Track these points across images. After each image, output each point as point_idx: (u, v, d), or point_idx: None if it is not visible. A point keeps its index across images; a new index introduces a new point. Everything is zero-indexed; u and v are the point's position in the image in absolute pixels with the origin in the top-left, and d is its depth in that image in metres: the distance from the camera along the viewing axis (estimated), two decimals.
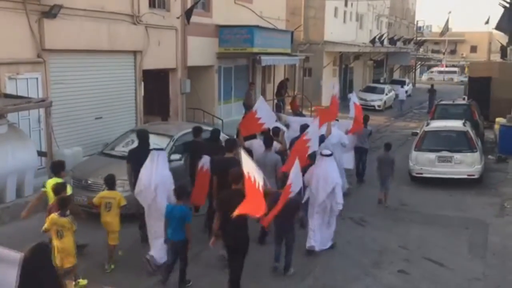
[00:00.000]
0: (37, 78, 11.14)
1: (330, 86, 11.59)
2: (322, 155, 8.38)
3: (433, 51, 65.83)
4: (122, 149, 10.53)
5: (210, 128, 11.04)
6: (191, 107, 17.19)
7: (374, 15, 38.25)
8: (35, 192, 9.86)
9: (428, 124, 14.37)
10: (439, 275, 7.69)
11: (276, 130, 10.15)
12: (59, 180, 7.12)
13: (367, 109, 25.34)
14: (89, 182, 9.42)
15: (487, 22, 51.31)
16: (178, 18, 15.62)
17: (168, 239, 6.86)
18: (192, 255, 7.26)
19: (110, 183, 7.52)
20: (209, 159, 8.33)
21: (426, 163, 12.67)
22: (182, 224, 6.69)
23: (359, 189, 11.58)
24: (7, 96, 10.11)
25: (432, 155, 12.63)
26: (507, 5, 21.49)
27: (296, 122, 12.15)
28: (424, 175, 12.70)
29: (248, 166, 5.79)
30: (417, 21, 55.80)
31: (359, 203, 10.97)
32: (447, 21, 57.08)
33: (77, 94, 12.32)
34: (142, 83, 14.41)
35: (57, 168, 7.40)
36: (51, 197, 7.02)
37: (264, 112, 10.56)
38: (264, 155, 8.48)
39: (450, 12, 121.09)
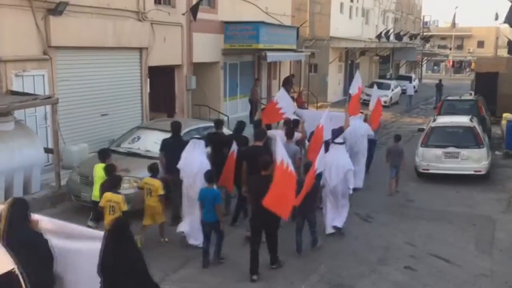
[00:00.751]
0: (43, 75, 11.19)
1: (354, 79, 12.74)
2: (334, 143, 9.04)
3: (439, 47, 65.46)
4: (128, 145, 10.57)
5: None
6: (197, 104, 17.21)
7: (380, 10, 38.08)
8: (42, 189, 9.94)
9: (434, 120, 14.30)
10: (446, 271, 7.66)
11: (296, 121, 10.75)
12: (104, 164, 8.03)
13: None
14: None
15: (496, 18, 50.92)
16: (183, 14, 15.61)
17: (201, 220, 7.55)
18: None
19: (153, 171, 8.11)
20: (237, 148, 8.94)
21: (432, 159, 12.61)
22: (214, 206, 7.29)
23: (365, 185, 11.55)
24: (14, 93, 10.16)
25: (439, 151, 12.57)
26: None
27: (306, 115, 12.59)
28: (431, 171, 12.65)
29: (282, 153, 6.72)
30: (424, 16, 55.56)
31: (365, 199, 10.94)
32: (454, 16, 56.74)
33: (83, 91, 12.36)
34: (148, 79, 14.43)
35: (103, 155, 8.44)
36: (100, 178, 7.93)
37: (285, 102, 11.32)
38: (285, 145, 8.70)
39: (457, 7, 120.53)
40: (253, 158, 7.84)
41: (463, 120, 13.71)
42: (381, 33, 33.50)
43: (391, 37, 35.91)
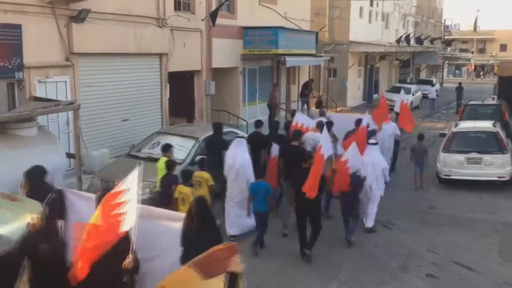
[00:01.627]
0: (65, 81, 11.37)
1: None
2: (369, 143, 9.67)
3: (461, 50, 64.62)
4: (148, 151, 10.64)
5: (233, 130, 11.70)
6: (216, 109, 17.27)
7: (400, 14, 37.79)
8: None
9: (456, 125, 14.09)
10: (468, 279, 7.52)
11: (330, 123, 11.43)
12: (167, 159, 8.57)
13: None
14: (116, 183, 9.52)
15: None
16: (203, 20, 15.72)
17: (254, 211, 8.26)
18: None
19: (201, 164, 8.78)
20: (277, 147, 9.72)
21: (454, 164, 12.42)
22: (265, 197, 8.07)
23: (386, 191, 11.44)
24: (37, 99, 10.32)
25: (461, 157, 12.37)
26: None
27: (338, 118, 13.38)
28: (453, 177, 12.44)
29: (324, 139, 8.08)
30: (445, 20, 54.96)
31: (386, 205, 10.80)
32: (476, 19, 55.99)
33: (104, 96, 12.52)
34: (168, 85, 14.55)
35: (164, 148, 9.01)
36: (161, 170, 8.46)
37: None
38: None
39: (479, 10, 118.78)
40: (291, 155, 8.93)
41: (486, 125, 13.48)
42: (401, 37, 33.22)
43: (412, 41, 35.56)
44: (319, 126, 10.72)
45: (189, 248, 4.68)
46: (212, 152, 9.77)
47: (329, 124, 11.15)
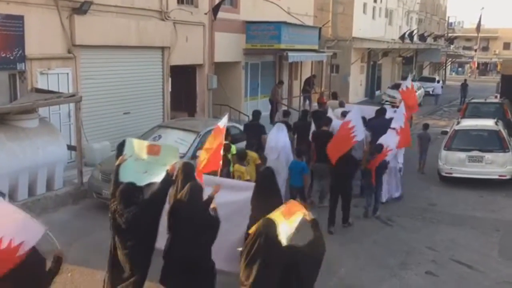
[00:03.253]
0: (67, 73, 11.35)
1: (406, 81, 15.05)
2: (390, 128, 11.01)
3: (464, 48, 64.38)
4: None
5: (235, 125, 11.81)
6: (218, 103, 17.24)
7: (404, 11, 37.62)
8: (64, 186, 10.08)
9: (458, 123, 14.06)
10: (468, 277, 7.51)
11: (345, 113, 12.03)
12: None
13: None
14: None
15: None
16: (205, 14, 15.67)
17: (290, 186, 9.37)
18: None
19: (240, 158, 8.95)
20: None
21: (456, 162, 12.40)
22: (301, 174, 9.24)
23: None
24: (39, 90, 10.32)
25: (463, 155, 12.35)
26: None
27: (358, 109, 13.33)
28: (454, 175, 12.43)
29: (353, 118, 9.38)
30: (448, 17, 54.74)
31: (386, 202, 10.82)
32: (480, 18, 55.70)
33: (106, 89, 12.50)
34: (170, 78, 14.52)
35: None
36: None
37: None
38: None
39: (483, 8, 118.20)
40: (323, 139, 9.90)
41: (488, 123, 13.44)
42: (404, 34, 33.09)
43: (415, 38, 35.42)
44: (344, 116, 11.50)
45: (257, 212, 5.59)
46: (252, 137, 11.14)
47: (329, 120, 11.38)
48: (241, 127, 11.96)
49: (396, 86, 30.78)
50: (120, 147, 6.96)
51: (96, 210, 9.30)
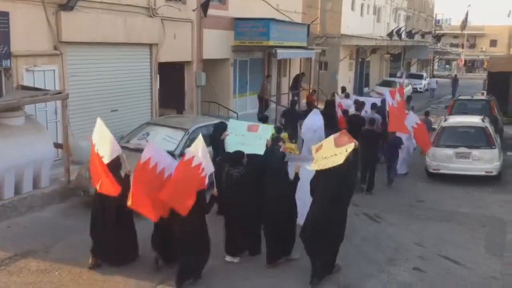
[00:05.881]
0: (54, 70, 11.23)
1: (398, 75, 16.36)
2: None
3: (451, 45, 64.86)
4: (137, 141, 10.55)
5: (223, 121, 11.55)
6: (206, 100, 17.19)
7: (391, 8, 37.80)
8: (51, 184, 9.99)
9: (446, 120, 14.16)
10: (455, 273, 7.58)
11: (357, 101, 14.84)
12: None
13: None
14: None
15: (509, 15, 50.34)
16: (194, 10, 15.59)
17: None
18: None
19: (279, 131, 10.01)
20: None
21: (443, 159, 12.50)
22: None
23: (376, 186, 11.56)
24: (25, 88, 10.20)
25: (450, 151, 12.45)
26: None
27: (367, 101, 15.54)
28: (441, 171, 12.53)
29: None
30: (436, 14, 55.03)
31: (375, 199, 10.88)
32: (467, 14, 56.10)
33: (93, 86, 12.39)
34: (158, 75, 14.44)
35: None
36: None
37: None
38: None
39: (469, 5, 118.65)
40: (368, 138, 11.17)
41: (475, 120, 13.56)
42: (392, 31, 33.25)
43: (403, 35, 35.63)
44: (359, 104, 13.88)
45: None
46: (289, 122, 13.41)
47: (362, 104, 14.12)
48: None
49: (384, 83, 31.04)
50: (217, 127, 9.49)
51: (84, 208, 9.22)
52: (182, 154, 9.66)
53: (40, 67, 10.87)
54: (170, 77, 15.64)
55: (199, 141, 6.67)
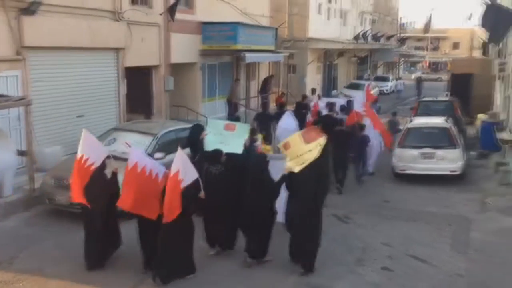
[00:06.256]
0: (16, 76, 10.96)
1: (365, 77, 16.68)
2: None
3: (416, 48, 66.32)
4: (121, 150, 10.31)
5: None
6: (175, 105, 17.05)
7: (357, 11, 38.38)
8: (14, 192, 9.72)
9: (411, 121, 14.46)
10: (422, 271, 7.73)
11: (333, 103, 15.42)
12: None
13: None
14: (70, 181, 9.23)
15: (469, 18, 51.82)
16: (161, 14, 15.47)
17: None
18: None
19: (253, 133, 9.69)
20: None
21: (409, 159, 12.75)
22: None
23: (346, 186, 11.72)
24: None
25: (415, 152, 12.72)
26: (489, 2, 21.71)
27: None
28: (408, 171, 12.78)
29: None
30: (401, 18, 56.15)
31: (344, 200, 11.01)
32: (430, 17, 57.48)
33: (58, 92, 12.14)
34: (125, 80, 14.25)
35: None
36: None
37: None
38: None
39: (433, 9, 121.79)
40: (339, 138, 11.34)
41: (438, 121, 13.89)
42: (358, 34, 33.78)
43: (369, 39, 36.25)
44: (331, 105, 14.60)
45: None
46: (262, 125, 13.54)
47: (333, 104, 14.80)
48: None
49: (351, 86, 31.50)
50: (195, 128, 9.39)
51: (49, 217, 9.03)
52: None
53: (2, 73, 10.59)
54: (138, 81, 15.46)
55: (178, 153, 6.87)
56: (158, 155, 9.76)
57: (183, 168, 6.78)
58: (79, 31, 12.32)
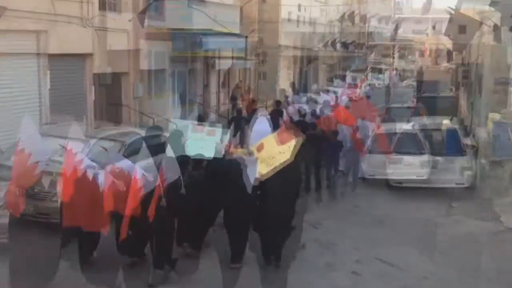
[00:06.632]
0: None
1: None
2: None
3: (383, 55, 67.54)
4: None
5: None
6: (145, 112, 16.87)
7: (327, 20, 38.89)
8: None
9: (379, 127, 14.68)
10: (390, 275, 7.84)
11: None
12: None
13: None
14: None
15: (433, 28, 53.14)
16: (130, 21, 15.32)
17: None
18: None
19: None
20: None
21: (378, 165, 12.92)
22: None
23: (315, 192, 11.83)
24: None
25: (384, 157, 12.89)
26: (453, 12, 22.37)
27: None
28: (376, 177, 12.95)
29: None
30: (368, 26, 57.05)
31: (314, 206, 11.09)
32: (396, 26, 58.56)
33: (20, 98, 11.85)
34: (93, 87, 14.04)
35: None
36: None
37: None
38: None
39: (399, 17, 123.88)
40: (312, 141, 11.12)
41: (406, 127, 14.15)
42: (327, 42, 34.25)
43: (338, 46, 36.79)
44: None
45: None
46: (236, 129, 12.77)
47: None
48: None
49: (320, 91, 31.86)
50: (173, 133, 9.39)
51: (11, 228, 8.73)
52: None
53: None
54: (106, 88, 15.26)
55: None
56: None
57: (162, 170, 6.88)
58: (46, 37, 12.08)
